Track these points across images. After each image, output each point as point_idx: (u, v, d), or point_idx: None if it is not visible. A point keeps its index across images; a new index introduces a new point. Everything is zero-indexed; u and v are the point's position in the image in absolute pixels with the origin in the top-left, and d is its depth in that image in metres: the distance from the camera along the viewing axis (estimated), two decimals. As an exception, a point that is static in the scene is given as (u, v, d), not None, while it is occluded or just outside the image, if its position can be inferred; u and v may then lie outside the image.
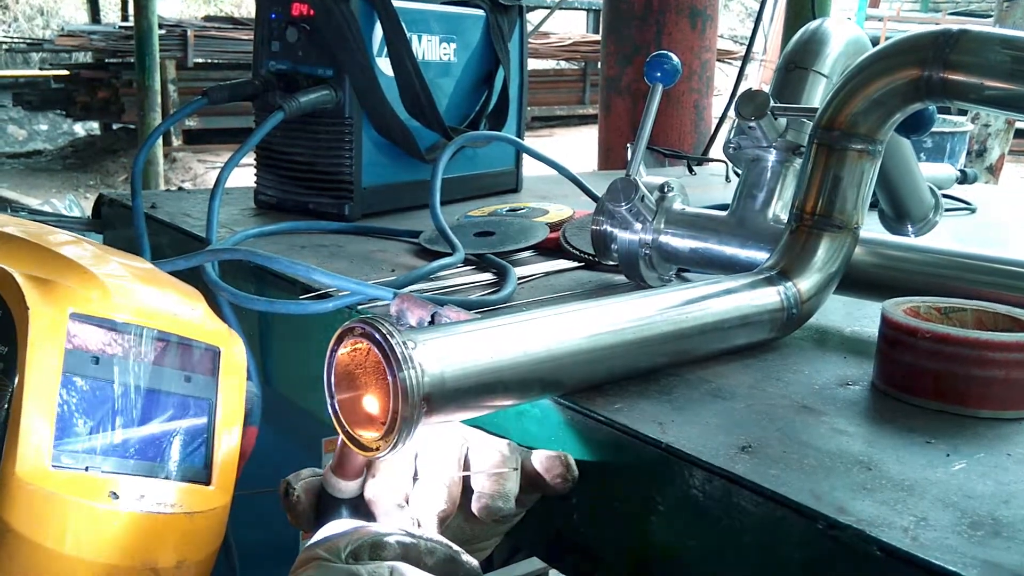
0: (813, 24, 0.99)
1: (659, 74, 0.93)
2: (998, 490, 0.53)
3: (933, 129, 2.20)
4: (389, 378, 0.53)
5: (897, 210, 1.17)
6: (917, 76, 0.72)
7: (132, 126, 7.91)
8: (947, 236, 1.22)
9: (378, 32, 1.23)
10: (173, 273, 0.64)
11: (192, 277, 1.10)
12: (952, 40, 0.71)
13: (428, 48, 1.32)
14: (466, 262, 1.01)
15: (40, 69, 11.04)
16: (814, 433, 0.61)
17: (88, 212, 1.48)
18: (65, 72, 9.23)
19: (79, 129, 10.24)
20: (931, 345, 0.65)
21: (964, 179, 1.71)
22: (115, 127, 9.31)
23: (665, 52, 0.94)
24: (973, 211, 1.52)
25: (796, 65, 0.96)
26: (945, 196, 1.31)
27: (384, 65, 1.24)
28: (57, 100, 9.10)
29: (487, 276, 0.98)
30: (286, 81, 1.21)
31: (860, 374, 0.72)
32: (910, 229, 1.17)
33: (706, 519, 0.56)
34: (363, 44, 1.20)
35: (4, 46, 11.61)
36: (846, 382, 0.71)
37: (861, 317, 0.88)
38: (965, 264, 0.81)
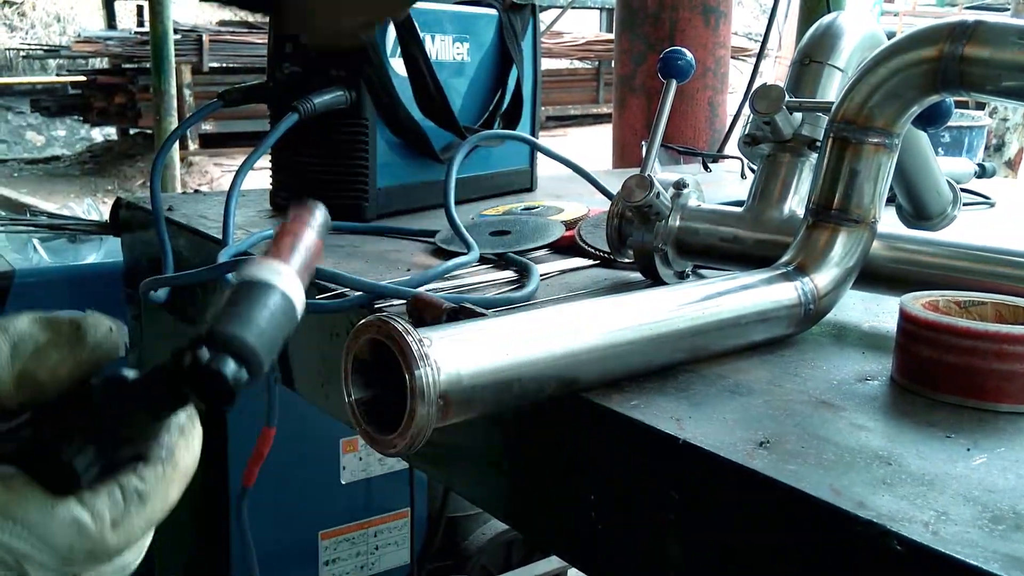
0: (828, 18, 0.99)
1: (673, 70, 0.93)
2: (1020, 484, 0.53)
3: (951, 123, 2.18)
4: (406, 376, 0.53)
5: (915, 205, 1.16)
6: (934, 68, 0.72)
7: (149, 131, 7.96)
8: (966, 230, 1.21)
9: (391, 32, 1.23)
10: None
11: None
12: (968, 31, 0.71)
13: (441, 48, 1.32)
14: (484, 261, 1.01)
15: (57, 75, 11.13)
16: (833, 428, 0.60)
17: (106, 216, 1.49)
18: (82, 78, 9.30)
19: (96, 134, 10.32)
20: (950, 339, 0.64)
21: (982, 173, 1.69)
22: (132, 132, 9.37)
23: (678, 48, 0.94)
24: (992, 205, 1.50)
25: (811, 59, 0.95)
26: (963, 190, 1.30)
27: (397, 66, 1.24)
28: (74, 106, 9.17)
29: (504, 275, 0.98)
30: (300, 83, 1.22)
31: (879, 369, 0.72)
32: (928, 223, 1.17)
33: (724, 515, 0.56)
34: (376, 45, 1.20)
35: (22, 53, 11.71)
36: (865, 377, 0.70)
37: (879, 312, 0.87)
38: (984, 258, 0.80)
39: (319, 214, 0.48)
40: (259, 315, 0.40)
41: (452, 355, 0.55)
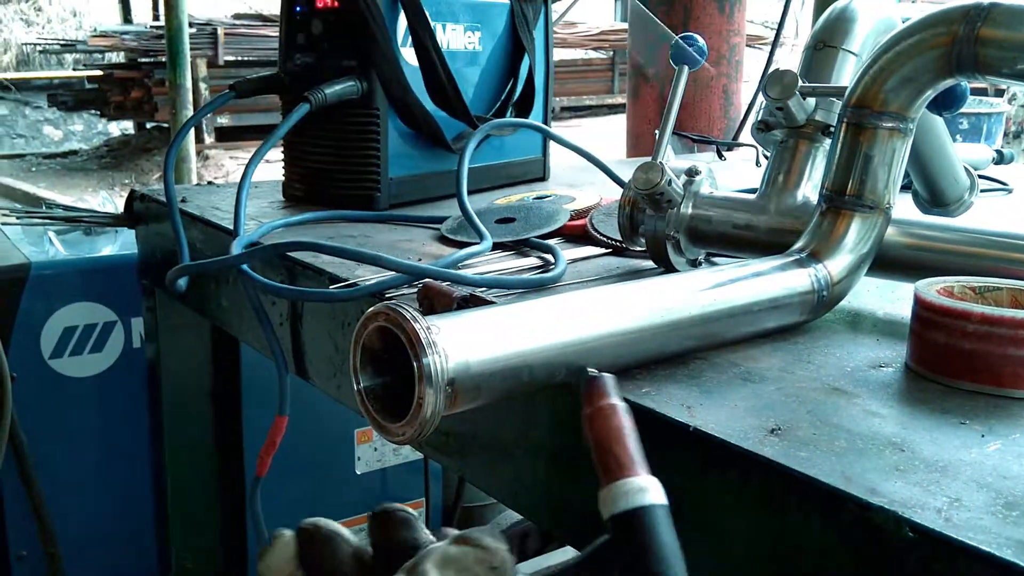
0: (842, 2, 0.98)
1: (684, 56, 0.92)
2: (1035, 470, 0.52)
3: (969, 110, 2.16)
4: (414, 363, 0.53)
5: (931, 191, 1.15)
6: (948, 51, 0.71)
7: (165, 125, 8.00)
8: (983, 217, 1.20)
9: (402, 22, 1.23)
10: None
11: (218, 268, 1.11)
12: (983, 13, 0.70)
13: (453, 37, 1.32)
14: (497, 248, 1.01)
15: (74, 70, 11.19)
16: (845, 415, 0.60)
17: (122, 209, 1.49)
18: (98, 72, 9.34)
19: (113, 129, 10.37)
20: (966, 325, 0.63)
21: (1000, 160, 1.68)
22: (149, 126, 9.42)
23: (690, 33, 0.93)
24: (1010, 192, 1.49)
25: (825, 43, 0.94)
26: (981, 177, 1.29)
27: (409, 55, 1.24)
28: (91, 100, 9.21)
29: (520, 262, 0.97)
30: (312, 73, 1.21)
31: (893, 356, 0.71)
32: (945, 210, 1.15)
33: (734, 503, 0.56)
34: (388, 34, 1.20)
35: (38, 48, 11.78)
36: (879, 364, 0.70)
37: (894, 299, 0.87)
38: (1000, 243, 0.79)
39: (611, 382, 0.48)
40: (667, 542, 0.44)
41: (461, 342, 0.55)
